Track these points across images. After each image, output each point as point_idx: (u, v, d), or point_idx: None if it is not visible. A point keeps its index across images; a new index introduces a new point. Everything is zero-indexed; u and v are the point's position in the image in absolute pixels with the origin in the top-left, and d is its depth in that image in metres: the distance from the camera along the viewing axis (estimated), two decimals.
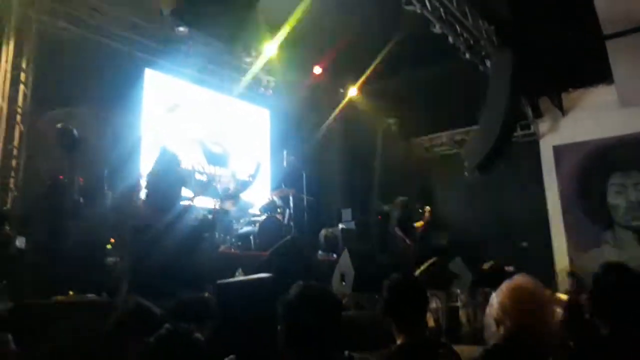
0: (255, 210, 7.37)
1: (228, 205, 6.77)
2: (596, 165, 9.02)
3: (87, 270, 4.56)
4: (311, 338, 1.70)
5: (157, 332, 1.64)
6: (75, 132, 5.54)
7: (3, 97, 6.01)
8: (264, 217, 6.81)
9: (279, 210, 7.31)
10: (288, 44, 7.80)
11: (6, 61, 6.06)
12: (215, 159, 8.10)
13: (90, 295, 4.24)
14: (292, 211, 7.53)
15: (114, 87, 6.65)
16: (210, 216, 6.33)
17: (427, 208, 8.49)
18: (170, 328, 1.66)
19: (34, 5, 6.21)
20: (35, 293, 3.98)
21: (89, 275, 4.52)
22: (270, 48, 8.02)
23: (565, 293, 5.50)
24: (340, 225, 8.04)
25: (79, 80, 6.27)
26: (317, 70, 9.02)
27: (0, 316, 1.79)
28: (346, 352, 1.75)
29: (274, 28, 7.50)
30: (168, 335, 1.63)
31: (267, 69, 8.88)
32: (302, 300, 1.74)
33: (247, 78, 8.70)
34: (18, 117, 6.05)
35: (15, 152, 5.97)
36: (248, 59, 8.55)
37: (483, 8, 7.25)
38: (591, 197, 8.98)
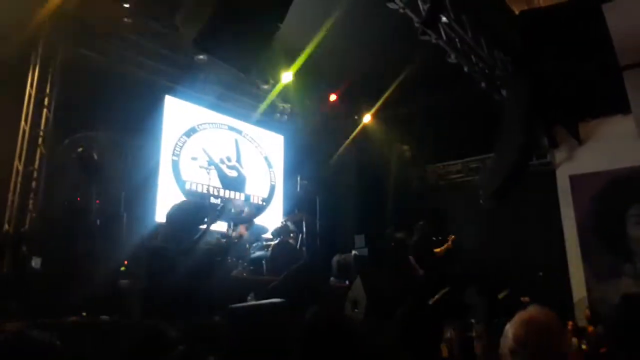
0: (268, 235, 7.39)
1: (241, 229, 6.80)
2: (614, 196, 8.89)
3: (101, 292, 4.59)
4: None
5: (171, 355, 1.65)
6: (95, 156, 5.68)
7: (26, 119, 6.19)
8: (276, 241, 6.81)
9: (291, 235, 7.32)
10: (304, 71, 7.95)
11: (31, 85, 6.27)
12: (230, 184, 8.18)
13: (104, 317, 4.27)
14: (304, 236, 7.53)
15: (134, 113, 6.80)
16: (223, 240, 6.37)
17: (452, 236, 8.39)
18: (185, 350, 1.68)
19: (61, 33, 6.43)
20: (49, 313, 4.02)
21: (103, 297, 4.56)
22: (287, 75, 8.18)
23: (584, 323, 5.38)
24: (353, 252, 7.99)
25: (100, 106, 6.43)
26: (332, 97, 9.14)
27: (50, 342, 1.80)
28: None
29: (291, 55, 7.65)
30: (182, 358, 1.65)
31: (283, 95, 9.03)
32: (319, 326, 1.75)
33: (264, 105, 8.85)
34: (40, 140, 6.21)
35: (35, 174, 6.09)
36: (265, 86, 8.70)
37: (498, 39, 7.31)
38: (609, 228, 8.83)
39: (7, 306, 4.00)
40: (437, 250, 8.01)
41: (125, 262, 5.16)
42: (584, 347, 6.29)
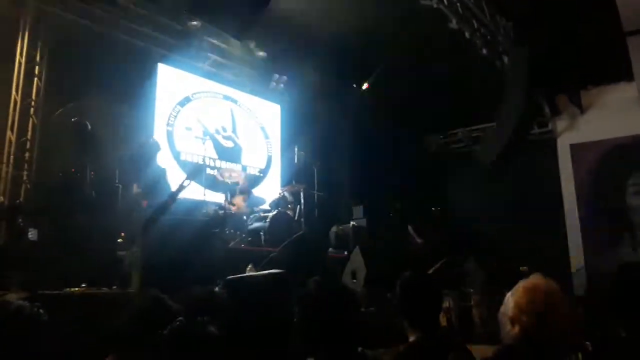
0: (265, 206, 7.35)
1: (238, 200, 6.75)
2: (615, 165, 8.84)
3: (99, 263, 4.57)
4: (328, 333, 1.68)
5: (172, 325, 1.62)
6: (88, 126, 5.58)
7: (17, 90, 6.06)
8: (274, 212, 6.78)
9: (289, 206, 7.28)
10: (300, 38, 7.75)
11: (20, 54, 6.11)
12: (226, 154, 8.10)
13: (103, 288, 4.25)
14: (302, 207, 7.50)
15: (127, 82, 6.69)
16: (220, 212, 6.33)
17: (438, 209, 8.38)
18: (185, 321, 1.65)
19: None
20: (47, 285, 4.00)
21: (100, 268, 4.54)
22: (284, 43, 7.98)
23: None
24: (352, 222, 7.99)
25: (92, 74, 6.30)
26: (330, 65, 8.95)
27: (37, 312, 1.81)
28: (359, 349, 1.72)
29: (288, 22, 7.45)
30: (183, 329, 1.61)
31: (279, 63, 8.84)
32: (321, 295, 1.73)
33: (259, 73, 8.67)
34: (31, 110, 6.10)
35: (28, 145, 6.01)
36: (260, 53, 8.52)
37: (500, 4, 7.14)
38: (609, 197, 8.81)
39: (7, 278, 3.97)
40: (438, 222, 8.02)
41: (122, 234, 5.13)
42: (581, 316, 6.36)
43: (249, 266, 4.77)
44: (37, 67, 6.19)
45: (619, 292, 2.11)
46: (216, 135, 8.08)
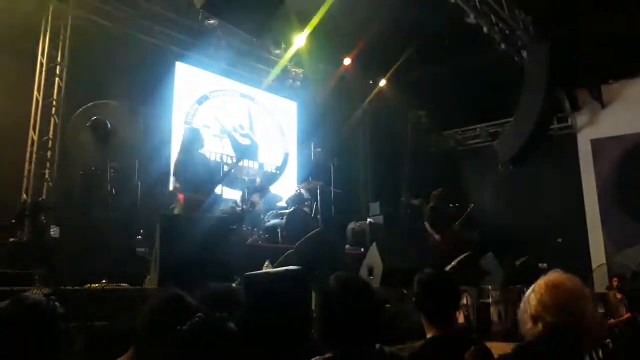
0: (282, 203, 7.37)
1: (256, 197, 6.78)
2: (636, 160, 8.66)
3: (120, 260, 4.63)
4: (348, 329, 1.67)
5: (191, 321, 1.64)
6: (108, 124, 5.65)
7: (39, 89, 6.17)
8: (291, 209, 6.80)
9: (306, 203, 7.29)
10: (317, 35, 7.74)
11: (42, 54, 6.22)
12: (243, 151, 8.14)
13: (123, 285, 4.31)
14: (319, 204, 7.50)
15: (145, 80, 6.77)
16: (238, 209, 6.37)
17: (471, 205, 8.25)
18: (204, 317, 1.66)
19: (70, 0, 6.33)
20: (69, 281, 4.06)
21: (121, 265, 4.60)
22: (299, 39, 7.97)
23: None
24: (368, 219, 7.97)
25: (112, 73, 6.37)
26: (347, 61, 8.93)
27: (53, 306, 1.85)
28: (377, 345, 1.72)
29: (303, 19, 7.45)
30: (202, 324, 1.63)
31: (296, 60, 8.85)
32: (343, 291, 1.72)
33: (276, 70, 8.68)
34: (53, 110, 6.20)
35: (50, 143, 6.12)
36: (277, 51, 8.53)
37: None
38: (630, 193, 8.63)
39: (30, 274, 4.05)
40: (455, 218, 7.92)
41: (141, 230, 5.19)
42: (603, 312, 6.27)
43: (266, 263, 4.80)
44: (58, 67, 6.29)
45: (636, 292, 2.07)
46: (233, 133, 8.12)
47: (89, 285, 4.08)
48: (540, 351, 1.82)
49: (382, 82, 9.56)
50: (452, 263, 5.81)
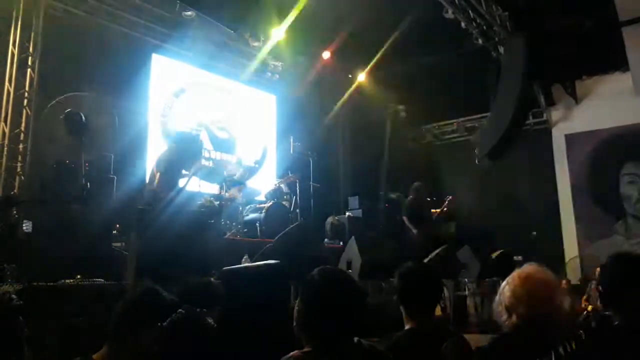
0: (261, 197, 7.34)
1: (234, 192, 6.74)
2: (609, 154, 8.88)
3: (94, 255, 4.55)
4: (329, 323, 1.67)
5: (171, 317, 1.62)
6: (82, 117, 5.53)
7: (10, 81, 6.00)
8: (270, 204, 6.78)
9: (285, 197, 7.28)
10: (296, 28, 7.70)
11: (13, 44, 6.05)
12: (221, 145, 8.07)
13: (98, 280, 4.24)
14: (298, 198, 7.49)
15: (121, 72, 6.64)
16: (216, 203, 6.32)
17: (449, 197, 8.31)
18: (184, 313, 1.65)
19: None
20: (42, 277, 3.98)
21: (96, 260, 4.52)
22: (278, 32, 7.92)
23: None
24: (347, 213, 8.00)
25: (86, 65, 6.26)
26: (326, 54, 8.90)
27: (9, 298, 1.82)
28: (355, 338, 1.72)
29: (282, 11, 7.40)
30: (181, 320, 1.62)
31: (275, 53, 8.78)
32: (327, 284, 1.72)
33: (255, 63, 8.61)
34: (25, 101, 6.04)
35: (22, 136, 5.97)
36: (255, 44, 8.45)
37: None
38: (603, 187, 8.86)
39: (2, 270, 3.95)
40: (434, 211, 8.00)
41: (117, 225, 5.11)
42: (584, 304, 6.46)
43: (245, 257, 4.78)
44: (30, 58, 6.12)
45: (610, 281, 2.13)
46: (211, 126, 8.04)
47: (63, 280, 4.01)
48: (515, 342, 1.86)
49: (361, 77, 9.57)
50: (430, 256, 5.87)
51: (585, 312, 6.33)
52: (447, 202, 8.13)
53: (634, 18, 6.63)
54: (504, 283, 2.00)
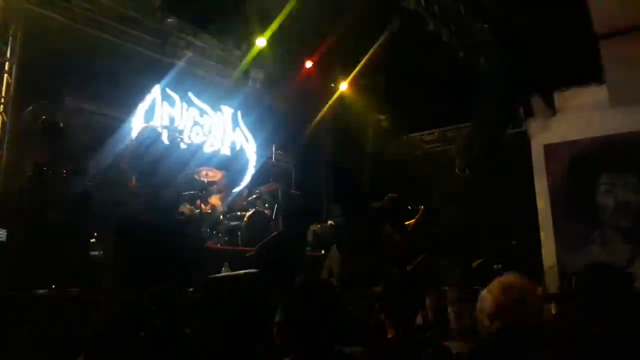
0: (242, 205, 7.29)
1: (215, 199, 6.69)
2: (586, 165, 9.04)
3: (70, 264, 4.47)
4: (311, 332, 1.66)
5: (149, 327, 1.59)
6: (60, 123, 5.45)
7: None
8: (251, 212, 6.74)
9: (266, 205, 7.25)
10: (278, 37, 7.72)
11: None
12: (203, 154, 8.00)
13: (73, 290, 4.15)
14: (280, 206, 7.47)
15: (100, 78, 6.54)
16: (197, 210, 6.26)
17: (421, 207, 8.38)
18: (163, 323, 1.63)
19: None
20: (16, 287, 3.89)
21: (73, 268, 4.44)
22: (260, 41, 7.92)
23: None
24: (329, 222, 8.00)
25: (64, 70, 6.15)
26: (308, 64, 8.93)
27: None
28: (336, 347, 1.71)
29: (265, 21, 7.41)
30: (160, 330, 1.59)
31: (257, 62, 8.77)
32: (308, 292, 1.71)
33: (237, 72, 8.59)
34: (1, 107, 5.92)
35: None
36: (237, 52, 8.44)
37: (477, 7, 7.22)
38: (580, 196, 8.99)
39: None
40: (408, 222, 8.03)
41: (95, 234, 5.02)
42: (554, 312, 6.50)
43: (225, 265, 4.74)
44: (7, 64, 6.01)
45: (585, 290, 2.18)
46: (191, 133, 7.96)
47: (38, 290, 3.92)
48: (495, 349, 1.88)
49: (344, 86, 9.62)
50: (411, 265, 5.90)
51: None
52: (421, 212, 8.17)
53: (610, 32, 6.79)
54: (484, 291, 2.03)
